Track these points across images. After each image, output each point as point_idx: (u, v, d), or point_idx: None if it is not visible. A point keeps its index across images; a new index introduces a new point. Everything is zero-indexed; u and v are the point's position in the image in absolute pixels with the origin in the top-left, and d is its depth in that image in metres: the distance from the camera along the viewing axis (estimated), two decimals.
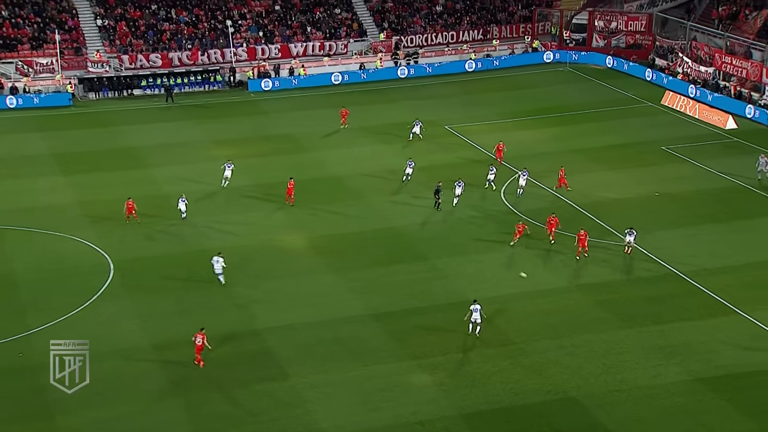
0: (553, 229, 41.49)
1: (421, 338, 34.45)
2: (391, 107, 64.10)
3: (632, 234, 40.09)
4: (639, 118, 59.95)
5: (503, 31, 76.59)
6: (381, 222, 44.96)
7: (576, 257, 40.05)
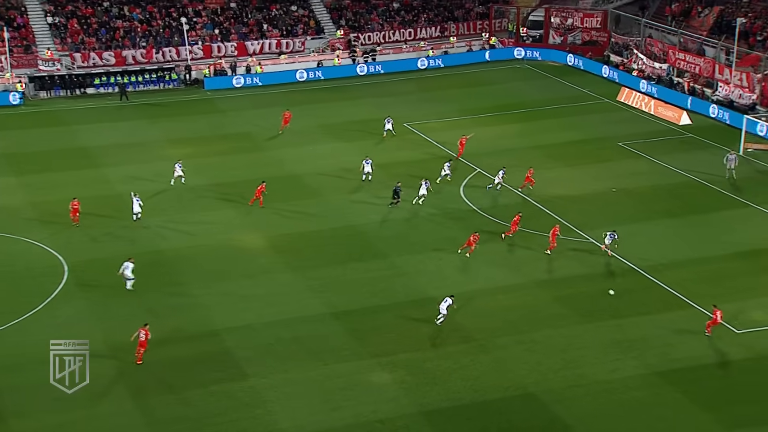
0: (516, 228, 41.65)
1: (382, 336, 34.47)
2: (350, 105, 64.01)
3: (612, 236, 39.52)
4: (596, 115, 60.60)
5: (460, 28, 76.92)
6: (340, 220, 44.88)
7: (547, 252, 40.28)
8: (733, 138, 53.78)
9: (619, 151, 53.62)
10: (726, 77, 61.05)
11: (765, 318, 34.88)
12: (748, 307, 35.72)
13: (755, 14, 65.63)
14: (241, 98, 66.13)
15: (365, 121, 59.21)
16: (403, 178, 48.64)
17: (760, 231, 42.56)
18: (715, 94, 61.63)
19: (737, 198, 46.15)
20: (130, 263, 37.65)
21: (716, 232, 42.60)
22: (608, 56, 72.08)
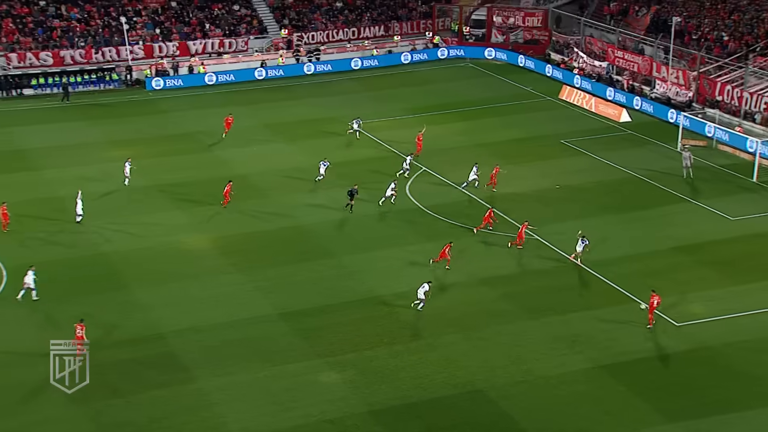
0: (487, 222, 42.09)
1: (330, 336, 34.41)
2: (295, 104, 63.74)
3: (584, 242, 39.14)
4: (538, 113, 61.31)
5: (404, 27, 77.12)
6: (287, 220, 44.67)
7: (518, 246, 40.59)
8: (670, 135, 54.87)
9: (562, 148, 54.33)
10: (663, 75, 62.28)
11: (703, 311, 35.67)
12: (687, 300, 36.49)
13: (690, 13, 67.08)
14: (184, 98, 65.37)
15: (311, 121, 59.02)
16: (350, 178, 48.61)
17: (697, 226, 43.51)
18: (653, 92, 62.81)
19: (676, 193, 47.10)
20: (31, 271, 36.49)
21: (656, 227, 43.42)
22: (549, 55, 73.02)
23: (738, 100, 56.42)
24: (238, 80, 68.96)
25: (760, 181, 48.39)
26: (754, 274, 38.03)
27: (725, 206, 45.29)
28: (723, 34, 62.98)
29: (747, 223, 43.60)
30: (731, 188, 47.93)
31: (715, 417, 29.40)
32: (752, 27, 62.27)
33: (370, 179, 48.46)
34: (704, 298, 36.62)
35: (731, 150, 52.80)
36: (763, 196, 46.89)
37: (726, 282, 37.80)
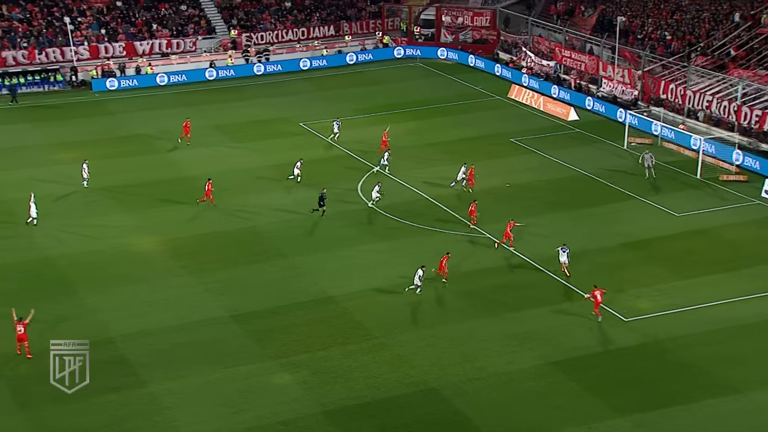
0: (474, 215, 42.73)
1: (283, 337, 34.21)
2: (246, 105, 63.30)
3: (565, 251, 38.72)
4: (488, 112, 61.71)
5: (354, 27, 77.07)
6: (238, 222, 44.31)
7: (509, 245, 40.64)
8: (617, 132, 55.63)
9: (511, 146, 54.75)
10: (609, 74, 63.13)
11: (650, 306, 36.22)
12: (634, 295, 37.02)
13: (634, 13, 68.12)
14: (132, 100, 64.51)
15: (262, 122, 58.67)
16: (304, 178, 48.42)
17: (644, 222, 44.17)
18: (600, 90, 63.66)
19: (623, 191, 47.75)
20: None
21: (605, 224, 43.98)
22: (498, 54, 73.56)
23: (681, 98, 57.42)
24: (189, 81, 68.26)
25: (704, 178, 49.30)
26: (697, 269, 38.75)
27: (671, 203, 46.06)
28: (666, 34, 64.08)
29: (691, 219, 44.41)
30: (676, 185, 48.77)
31: (663, 409, 29.88)
32: (693, 27, 63.47)
33: (323, 179, 48.31)
34: (651, 293, 37.20)
35: (676, 147, 53.73)
36: (706, 192, 47.80)
37: (671, 277, 38.45)
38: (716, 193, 47.49)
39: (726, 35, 60.87)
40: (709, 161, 50.66)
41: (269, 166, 51.73)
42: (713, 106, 55.15)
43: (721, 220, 44.05)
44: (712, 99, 55.24)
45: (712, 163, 50.67)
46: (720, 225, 43.50)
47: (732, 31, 60.89)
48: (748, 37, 59.58)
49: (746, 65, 57.30)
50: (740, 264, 39.46)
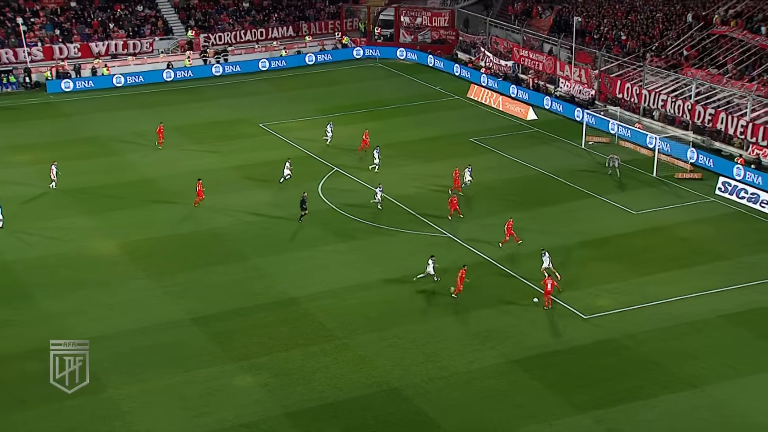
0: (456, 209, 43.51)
1: (244, 339, 34.01)
2: (205, 106, 62.85)
3: (547, 256, 38.44)
4: (448, 111, 61.95)
5: (312, 28, 76.89)
6: (197, 224, 43.97)
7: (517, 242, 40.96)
8: (575, 131, 56.17)
9: (471, 146, 55.02)
10: (567, 74, 63.74)
11: (609, 303, 36.63)
12: (593, 293, 37.41)
13: (589, 13, 68.83)
14: (87, 101, 63.68)
15: (221, 123, 58.26)
16: (263, 180, 48.25)
17: (603, 220, 44.65)
18: (558, 90, 64.24)
19: (582, 189, 48.21)
20: None
21: (564, 222, 44.37)
22: (456, 54, 73.88)
23: (637, 97, 58.17)
24: (146, 82, 67.58)
25: (660, 176, 50.00)
26: (653, 266, 39.27)
27: (628, 201, 46.63)
28: (621, 34, 64.86)
29: (648, 216, 45.01)
30: (634, 183, 49.39)
31: (623, 405, 30.23)
32: (647, 27, 64.33)
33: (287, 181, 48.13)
34: (610, 290, 37.61)
35: (632, 146, 54.40)
36: (662, 190, 48.48)
37: (629, 274, 38.92)
38: (672, 191, 48.19)
39: (679, 35, 61.80)
40: (664, 159, 51.39)
41: (229, 168, 51.39)
42: (668, 105, 55.96)
43: (677, 218, 44.71)
44: (667, 98, 56.05)
45: (668, 161, 51.41)
46: (676, 222, 44.15)
47: (685, 31, 61.83)
48: (700, 37, 60.56)
49: (699, 65, 58.23)
50: (695, 261, 40.09)
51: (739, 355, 32.96)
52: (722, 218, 44.96)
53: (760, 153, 50.79)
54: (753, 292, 37.36)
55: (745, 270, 39.16)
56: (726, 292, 37.33)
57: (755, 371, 31.97)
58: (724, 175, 48.64)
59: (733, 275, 38.73)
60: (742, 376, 31.69)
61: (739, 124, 51.72)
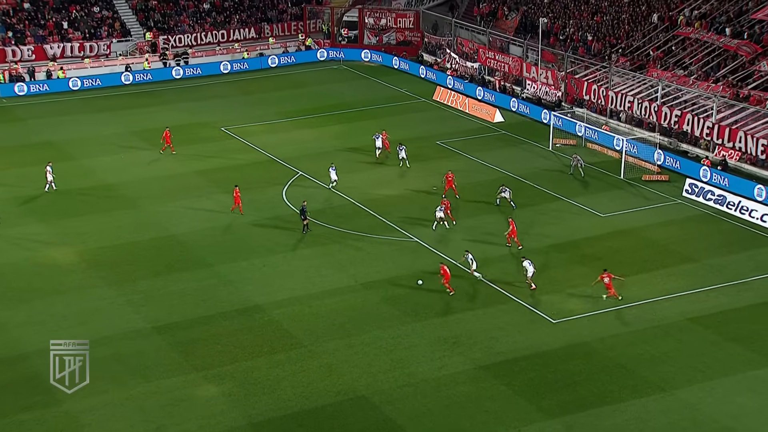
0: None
1: (207, 348, 33.75)
2: (165, 109, 62.40)
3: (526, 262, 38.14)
4: (414, 114, 62.06)
5: (275, 30, 76.65)
6: (159, 230, 43.61)
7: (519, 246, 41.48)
8: (542, 134, 56.55)
9: (438, 149, 55.16)
10: (533, 75, 64.21)
11: (579, 307, 36.88)
12: (562, 297, 37.67)
13: (555, 14, 69.44)
14: (42, 105, 62.89)
15: (182, 127, 57.80)
16: (227, 185, 47.99)
17: (571, 223, 44.97)
18: (524, 92, 64.68)
19: (550, 192, 48.55)
20: None
21: (532, 225, 44.63)
22: (422, 56, 74.07)
23: (604, 99, 58.75)
24: (104, 85, 66.92)
25: (627, 178, 50.51)
26: (622, 270, 39.56)
27: (596, 203, 47.04)
28: (587, 35, 65.50)
29: (616, 219, 45.44)
30: (601, 185, 49.84)
31: (592, 410, 30.45)
32: (613, 28, 65.04)
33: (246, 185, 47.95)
34: (579, 294, 37.88)
35: (599, 148, 54.90)
36: (629, 192, 48.97)
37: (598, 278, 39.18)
38: (640, 193, 48.72)
39: (645, 36, 62.55)
40: (631, 161, 51.91)
41: (190, 173, 51.03)
42: (635, 106, 56.58)
43: (645, 220, 45.19)
44: (633, 100, 56.67)
45: (635, 163, 51.94)
46: (644, 225, 44.62)
47: (650, 32, 62.60)
48: (665, 38, 61.35)
49: (665, 66, 58.97)
50: (663, 263, 40.54)
51: (707, 358, 33.36)
52: (690, 220, 45.53)
53: (726, 154, 51.53)
54: (721, 294, 37.85)
55: (713, 272, 39.68)
56: (694, 295, 37.79)
57: (724, 374, 32.37)
58: (691, 177, 49.26)
59: (701, 277, 39.23)
60: (711, 379, 32.08)
61: (705, 125, 52.47)
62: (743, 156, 51.16)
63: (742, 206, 45.67)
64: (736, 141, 50.80)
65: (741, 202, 45.85)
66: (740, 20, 59.07)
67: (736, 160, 51.33)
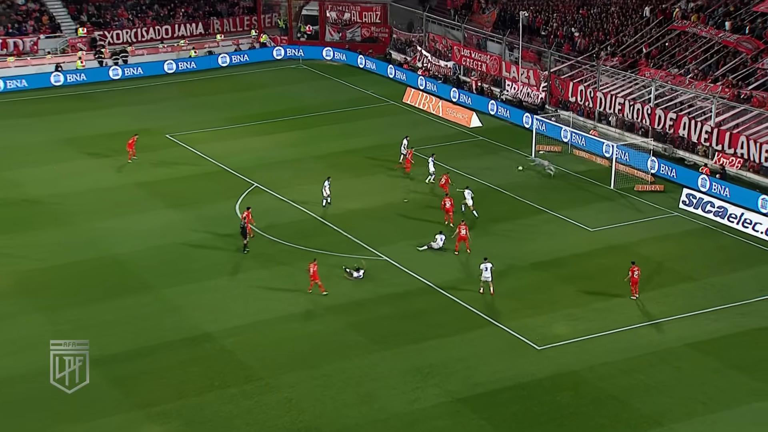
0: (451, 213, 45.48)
1: (150, 383, 33.61)
2: (101, 115, 62.27)
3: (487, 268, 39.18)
4: (382, 119, 62.36)
5: (226, 25, 76.73)
6: (96, 250, 43.43)
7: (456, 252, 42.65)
8: (524, 139, 57.04)
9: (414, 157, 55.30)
10: (513, 75, 64.81)
11: (567, 332, 37.17)
12: (548, 321, 37.95)
13: (537, 8, 70.16)
14: None
15: (121, 134, 57.53)
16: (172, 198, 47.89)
17: (557, 239, 45.38)
18: (504, 93, 65.25)
19: (533, 204, 48.93)
20: None
21: (514, 242, 44.94)
22: (390, 54, 74.45)
23: (592, 101, 59.39)
24: (31, 87, 66.54)
25: (618, 189, 51.08)
26: (615, 289, 40.02)
27: (584, 217, 47.50)
28: (573, 30, 66.27)
29: (606, 234, 45.92)
30: (589, 197, 50.36)
31: None
32: (601, 22, 65.85)
33: (198, 199, 47.97)
34: (566, 317, 38.21)
35: (587, 155, 55.47)
36: (620, 204, 49.52)
37: (588, 299, 39.60)
38: (632, 205, 49.30)
39: (636, 31, 63.39)
40: (622, 170, 52.47)
41: (130, 185, 50.89)
42: (625, 109, 57.26)
43: (638, 235, 45.73)
44: (624, 101, 57.36)
45: (627, 172, 52.50)
46: (636, 240, 45.14)
47: (642, 27, 63.43)
48: (659, 33, 62.17)
49: (658, 64, 59.75)
50: (658, 283, 41.00)
51: (708, 388, 33.70)
52: (687, 235, 46.15)
53: (726, 162, 52.23)
54: (722, 317, 38.33)
55: (714, 292, 40.23)
56: (693, 318, 38.26)
57: (727, 406, 32.68)
58: (689, 187, 49.93)
59: (700, 298, 39.75)
60: (713, 411, 32.42)
61: (704, 129, 53.20)
62: (745, 163, 51.95)
63: (745, 219, 46.37)
64: (738, 147, 51.56)
65: (744, 214, 46.55)
66: (741, 13, 60.04)
67: (738, 168, 52.13)
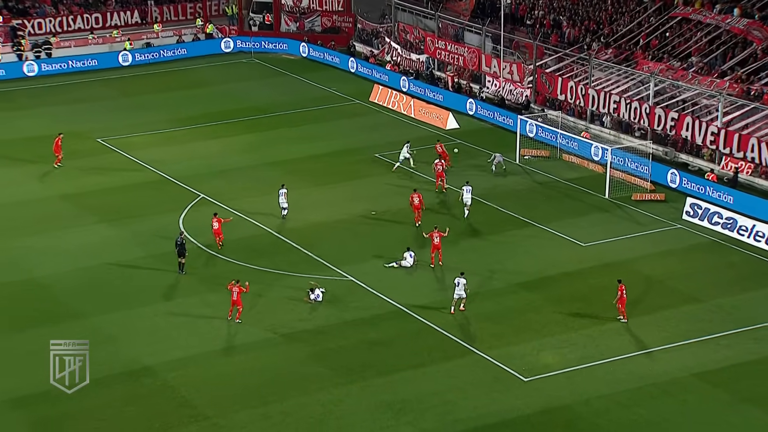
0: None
1: (79, 426, 33.33)
2: (18, 116, 61.87)
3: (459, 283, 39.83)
4: (345, 120, 62.42)
5: (166, 14, 76.59)
6: (14, 272, 43.17)
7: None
8: (507, 143, 57.26)
9: (376, 164, 55.48)
10: (494, 70, 65.06)
11: (556, 361, 37.21)
12: (536, 348, 38.02)
13: None
14: None
15: (41, 139, 57.30)
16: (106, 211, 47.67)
17: (546, 255, 45.52)
18: (484, 91, 65.51)
19: (519, 217, 49.07)
20: None
21: (497, 259, 45.04)
22: (354, 46, 74.57)
23: (583, 99, 59.71)
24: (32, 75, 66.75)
25: (613, 198, 51.37)
26: (611, 311, 40.20)
27: (575, 230, 47.72)
28: (561, 19, 66.71)
29: (600, 249, 46.13)
30: (581, 207, 50.61)
31: None
32: (593, 10, 66.28)
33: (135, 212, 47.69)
34: (556, 344, 38.30)
35: (578, 160, 55.76)
36: (615, 215, 49.80)
37: (580, 323, 39.70)
38: (629, 216, 49.60)
39: (633, 20, 63.84)
40: (618, 177, 52.75)
41: (55, 197, 50.64)
42: (621, 108, 57.58)
43: (637, 250, 45.99)
44: (620, 99, 57.71)
45: (623, 179, 52.78)
46: (635, 256, 45.39)
47: (640, 14, 63.89)
48: (658, 21, 62.60)
49: (658, 57, 60.13)
50: (659, 304, 41.22)
51: (718, 423, 33.86)
52: (692, 250, 46.48)
53: (737, 167, 52.59)
54: (733, 342, 38.56)
55: (722, 315, 40.49)
56: (699, 344, 38.47)
57: None
58: (693, 196, 50.26)
59: (707, 322, 39.98)
60: None
61: (709, 130, 53.56)
62: (756, 169, 52.39)
63: (757, 232, 46.71)
64: (748, 150, 51.91)
65: (755, 226, 46.91)
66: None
67: (748, 173, 52.55)
